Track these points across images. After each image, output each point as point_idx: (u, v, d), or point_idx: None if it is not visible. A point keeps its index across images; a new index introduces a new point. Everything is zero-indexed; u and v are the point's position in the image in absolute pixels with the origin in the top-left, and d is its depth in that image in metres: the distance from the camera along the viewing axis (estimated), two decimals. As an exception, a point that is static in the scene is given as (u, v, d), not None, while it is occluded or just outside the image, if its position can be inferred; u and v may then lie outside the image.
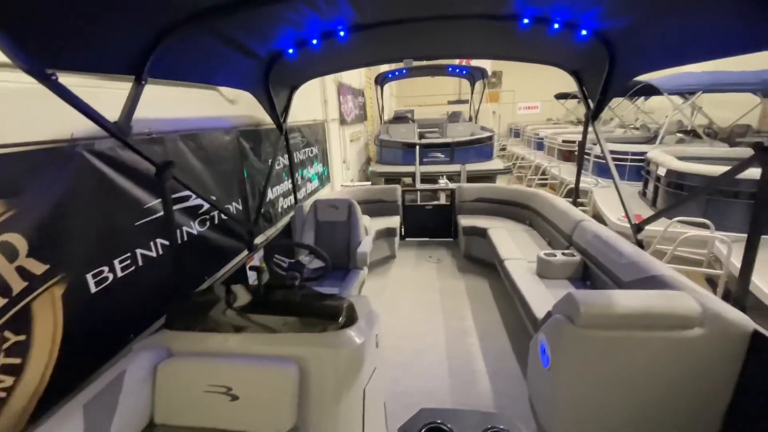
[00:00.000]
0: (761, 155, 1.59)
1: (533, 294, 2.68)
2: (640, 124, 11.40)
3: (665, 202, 5.30)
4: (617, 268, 2.44)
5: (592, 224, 3.07)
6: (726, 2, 1.65)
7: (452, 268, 4.29)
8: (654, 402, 1.78)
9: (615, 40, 2.61)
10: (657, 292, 1.75)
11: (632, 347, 1.70)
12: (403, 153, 8.42)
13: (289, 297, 1.90)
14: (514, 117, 18.62)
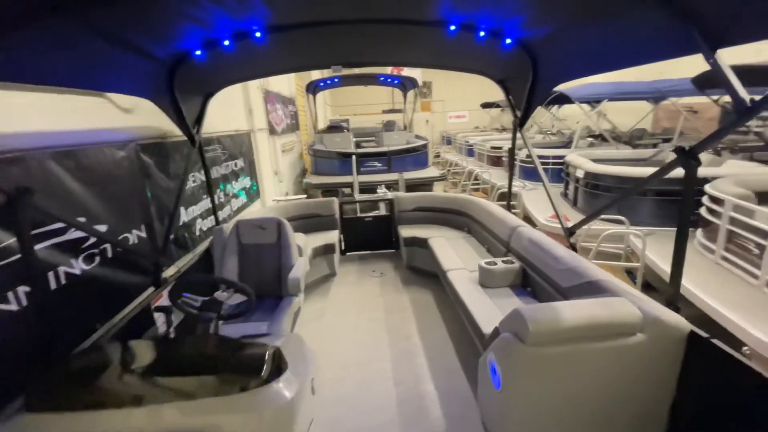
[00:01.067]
0: (683, 158, 1.64)
1: (478, 307, 2.59)
2: (556, 130, 12.47)
3: (585, 202, 5.71)
4: (555, 274, 2.44)
5: (527, 230, 3.10)
6: (641, 14, 1.69)
7: (396, 282, 4.12)
8: (603, 410, 1.74)
9: (537, 49, 2.66)
10: (599, 300, 1.72)
11: (580, 360, 1.64)
12: (339, 163, 8.19)
13: (202, 348, 1.55)
14: (445, 125, 19.39)
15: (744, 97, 1.35)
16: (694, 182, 1.65)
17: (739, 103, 1.35)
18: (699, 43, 1.47)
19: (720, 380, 1.53)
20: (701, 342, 1.58)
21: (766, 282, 3.13)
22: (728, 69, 1.41)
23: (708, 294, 3.16)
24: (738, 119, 1.42)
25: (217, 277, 2.49)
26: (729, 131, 1.64)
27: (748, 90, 1.40)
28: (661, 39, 1.72)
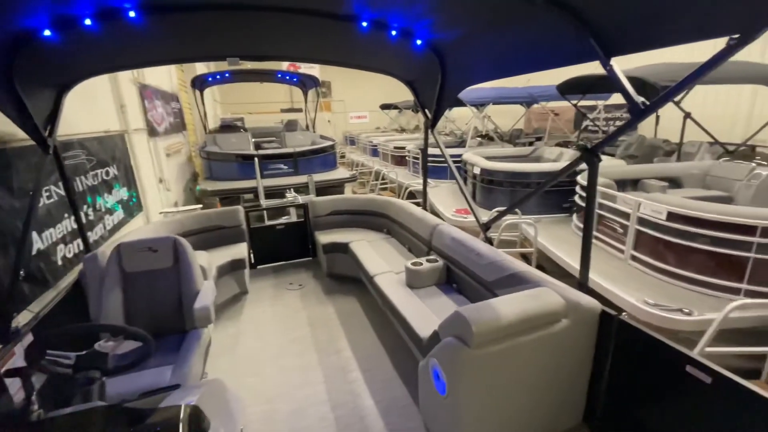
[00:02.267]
0: (587, 156, 1.82)
1: (411, 311, 2.56)
2: (449, 130, 13.49)
3: (482, 196, 6.24)
4: (479, 269, 2.54)
5: (447, 228, 3.19)
6: (544, 24, 1.82)
7: (317, 292, 3.88)
8: (537, 398, 1.85)
9: (447, 52, 2.74)
10: (528, 293, 1.82)
11: (517, 354, 1.70)
12: (238, 166, 7.46)
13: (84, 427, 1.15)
14: (347, 126, 19.41)
15: (637, 100, 1.54)
16: (597, 174, 1.85)
17: (634, 105, 1.54)
18: (596, 51, 1.64)
19: (628, 350, 1.74)
20: (610, 319, 1.78)
21: (630, 256, 3.80)
22: (622, 75, 1.59)
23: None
24: (633, 120, 1.62)
25: (96, 325, 1.95)
26: (624, 131, 1.89)
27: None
28: (563, 47, 1.88)
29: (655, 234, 3.51)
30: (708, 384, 1.39)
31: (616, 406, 1.82)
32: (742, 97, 8.12)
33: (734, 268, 3.10)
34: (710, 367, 1.39)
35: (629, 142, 7.68)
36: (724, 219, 3.06)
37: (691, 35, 1.36)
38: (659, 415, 1.60)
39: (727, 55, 1.25)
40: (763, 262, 2.99)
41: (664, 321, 2.95)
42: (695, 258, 3.28)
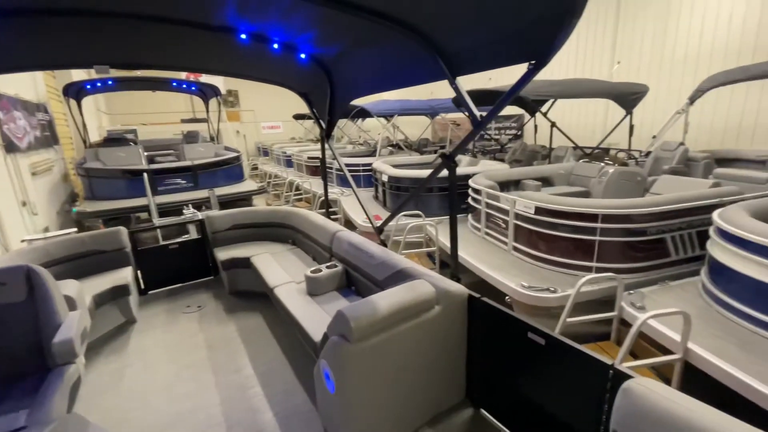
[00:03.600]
0: (445, 161, 2.07)
1: (308, 317, 2.59)
2: (363, 140, 13.86)
3: (391, 202, 6.54)
4: (372, 270, 2.68)
5: (346, 234, 3.30)
6: (404, 45, 2.04)
7: (218, 312, 3.67)
8: (421, 383, 2.01)
9: (331, 66, 2.87)
10: (404, 286, 1.99)
11: (396, 343, 1.84)
12: (127, 183, 6.73)
13: None
14: (259, 136, 18.70)
15: (476, 113, 1.81)
16: (455, 177, 2.11)
17: (474, 118, 1.81)
18: (444, 71, 1.89)
19: (490, 326, 1.99)
20: (476, 302, 2.03)
21: (512, 247, 4.32)
22: (465, 93, 1.86)
23: (480, 261, 4.12)
24: (474, 130, 1.90)
25: None
26: (470, 140, 2.17)
27: (480, 108, 1.89)
28: (420, 66, 2.12)
29: (528, 226, 4.06)
30: (543, 345, 1.67)
31: (489, 377, 2.07)
32: (599, 109, 9.80)
33: (587, 250, 3.73)
34: (543, 331, 1.68)
35: (515, 149, 8.73)
36: (575, 210, 3.67)
37: (507, 60, 1.66)
38: (517, 377, 1.87)
39: (530, 76, 1.55)
40: (605, 243, 3.66)
41: (537, 300, 3.43)
42: (559, 244, 3.86)
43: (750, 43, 7.07)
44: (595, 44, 9.88)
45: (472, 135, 1.96)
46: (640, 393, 1.22)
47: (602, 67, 9.78)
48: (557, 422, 1.67)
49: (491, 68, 1.75)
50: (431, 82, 2.13)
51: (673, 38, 8.24)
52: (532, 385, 1.79)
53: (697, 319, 2.82)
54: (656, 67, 8.61)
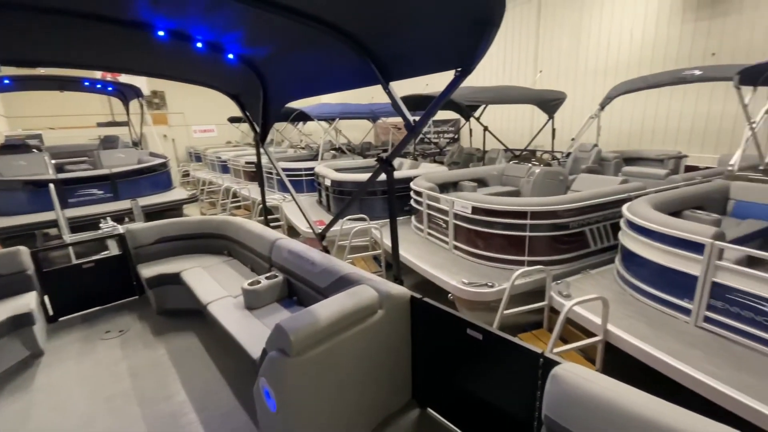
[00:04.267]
0: (383, 165, 2.08)
1: (246, 333, 2.44)
2: (304, 144, 13.57)
3: (335, 206, 6.47)
4: (314, 278, 2.61)
5: (286, 242, 3.17)
6: (338, 50, 2.01)
7: (144, 335, 3.32)
8: (369, 385, 1.99)
9: (263, 67, 2.74)
10: (347, 292, 1.95)
11: (340, 351, 1.80)
12: (29, 196, 5.89)
13: None
14: (190, 140, 17.48)
15: (410, 119, 1.84)
16: (393, 180, 2.13)
17: (408, 123, 1.83)
18: (377, 76, 1.89)
19: (432, 326, 2.03)
20: (418, 302, 2.05)
21: (453, 246, 4.48)
22: (398, 98, 1.88)
23: (423, 261, 4.21)
24: (408, 135, 1.93)
25: None
26: (406, 144, 2.20)
27: (418, 113, 1.92)
28: (355, 71, 2.11)
29: (466, 225, 4.24)
30: (481, 340, 1.74)
31: (433, 376, 2.10)
32: (525, 114, 10.58)
33: (519, 246, 3.99)
34: (481, 326, 1.74)
35: (452, 151, 9.11)
36: (507, 208, 3.90)
37: (437, 67, 1.72)
38: (459, 374, 1.92)
39: (457, 82, 1.61)
40: (535, 238, 3.93)
41: (477, 295, 3.58)
42: (494, 241, 4.08)
43: (647, 57, 8.10)
44: (520, 55, 10.67)
45: (407, 140, 1.99)
46: (567, 378, 1.31)
47: (527, 75, 10.59)
48: (497, 413, 1.74)
49: (423, 74, 1.79)
50: (367, 87, 2.12)
51: (585, 51, 9.17)
52: (473, 379, 1.85)
53: (614, 303, 3.14)
54: (572, 76, 9.52)
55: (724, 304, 2.62)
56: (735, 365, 2.34)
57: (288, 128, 14.04)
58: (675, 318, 2.89)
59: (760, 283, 2.43)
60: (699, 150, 7.51)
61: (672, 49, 7.73)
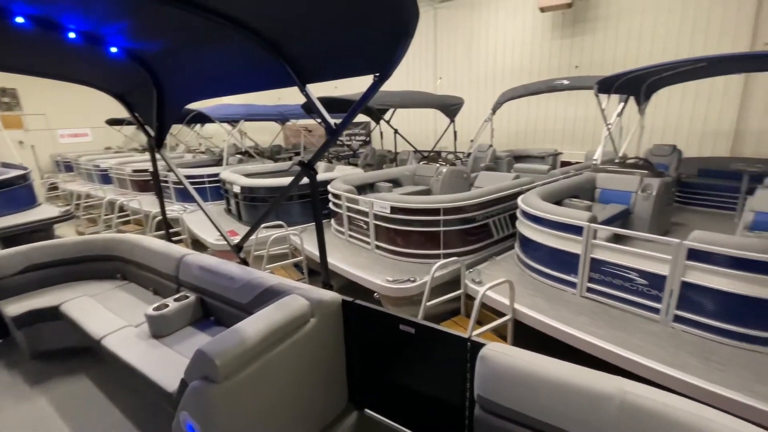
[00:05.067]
0: (305, 169, 2.02)
1: (156, 365, 2.15)
2: (205, 148, 12.43)
3: (248, 214, 6.07)
4: (234, 294, 2.42)
5: (196, 257, 2.87)
6: (248, 49, 1.89)
7: (14, 386, 2.69)
8: (305, 397, 1.92)
9: (156, 64, 2.44)
10: (275, 305, 1.85)
11: (274, 367, 1.71)
12: None
13: None
14: (56, 147, 14.65)
15: (331, 121, 1.82)
16: (317, 185, 2.09)
17: (328, 126, 1.82)
18: (293, 78, 1.83)
19: (365, 327, 2.05)
20: (350, 305, 2.05)
21: (375, 246, 4.56)
22: (317, 100, 1.85)
23: (347, 264, 4.21)
24: (330, 138, 1.91)
25: None
26: (328, 147, 2.18)
27: (332, 115, 1.90)
28: (267, 72, 2.01)
29: (386, 225, 4.37)
30: (413, 334, 1.81)
31: (369, 376, 2.12)
32: (430, 117, 11.29)
33: (435, 240, 4.25)
34: (412, 320, 1.82)
35: (366, 153, 9.28)
36: (423, 206, 4.13)
37: (356, 71, 1.73)
38: (395, 370, 1.97)
39: (376, 87, 1.65)
40: (448, 232, 4.23)
41: (401, 291, 3.71)
42: (413, 238, 4.28)
43: (527, 67, 9.32)
44: (422, 62, 11.36)
45: (329, 143, 1.97)
46: (493, 357, 1.44)
47: (428, 81, 11.32)
48: (433, 401, 1.84)
49: (342, 77, 1.79)
50: (279, 88, 2.04)
51: (477, 60, 10.17)
52: (409, 374, 1.91)
53: (519, 284, 3.55)
54: (468, 82, 10.47)
55: (600, 276, 3.16)
56: (612, 325, 2.84)
57: (184, 131, 12.72)
58: (565, 291, 3.39)
59: (623, 256, 2.99)
60: (570, 147, 8.92)
61: (546, 62, 9.03)
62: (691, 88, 7.35)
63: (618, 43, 8.03)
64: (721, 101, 7.20)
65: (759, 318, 2.45)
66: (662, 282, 2.77)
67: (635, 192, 4.49)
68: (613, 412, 1.16)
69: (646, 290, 2.89)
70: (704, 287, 2.60)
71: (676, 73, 5.35)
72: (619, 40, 8.00)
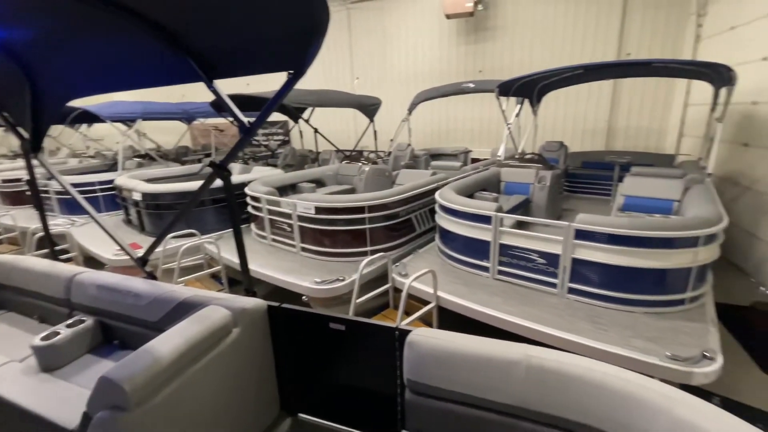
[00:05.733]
0: (218, 171, 1.90)
1: (49, 401, 1.84)
2: (94, 152, 10.83)
3: (152, 224, 5.47)
4: (141, 312, 2.17)
5: (90, 275, 2.51)
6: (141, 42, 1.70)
7: None
8: (234, 409, 1.82)
9: (27, 56, 2.08)
10: (190, 318, 1.72)
11: (194, 385, 1.59)
12: None
13: None
14: None
15: (244, 120, 1.74)
16: (232, 188, 1.98)
17: (241, 124, 1.73)
18: (199, 73, 1.71)
19: (295, 331, 2.01)
20: (277, 311, 1.99)
21: (301, 248, 4.46)
22: (227, 97, 1.75)
23: (271, 269, 4.05)
24: (244, 137, 1.82)
25: None
26: (242, 146, 2.07)
27: (246, 114, 1.82)
28: (168, 66, 1.84)
29: (311, 226, 4.30)
30: (344, 330, 1.83)
31: (301, 380, 2.08)
32: (350, 117, 11.35)
33: (362, 238, 4.31)
34: (342, 317, 1.84)
35: (285, 154, 8.99)
36: (348, 205, 4.16)
37: (268, 68, 1.68)
38: (328, 369, 1.97)
39: (290, 84, 1.62)
40: (374, 229, 4.32)
41: (329, 292, 3.70)
42: (340, 237, 4.28)
43: (438, 70, 9.89)
44: (339, 61, 11.35)
45: (243, 142, 1.88)
46: (419, 341, 1.53)
47: (346, 81, 11.37)
48: (368, 395, 1.88)
49: (254, 73, 1.71)
50: (182, 84, 1.88)
51: (392, 61, 10.50)
52: (341, 371, 1.93)
53: (441, 273, 3.77)
54: (385, 83, 10.76)
55: (508, 259, 3.52)
56: (521, 301, 3.19)
57: (67, 133, 10.94)
58: (480, 276, 3.71)
59: (525, 240, 3.37)
60: (479, 145, 9.72)
61: (454, 65, 9.70)
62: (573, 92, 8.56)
63: (514, 50, 8.98)
64: (597, 103, 8.51)
65: (632, 284, 2.97)
66: (557, 260, 3.20)
67: (533, 183, 5.08)
68: (521, 374, 1.32)
69: (546, 268, 3.30)
70: (589, 261, 3.06)
71: (561, 79, 6.17)
72: (515, 48, 8.95)
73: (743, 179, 5.39)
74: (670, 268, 2.90)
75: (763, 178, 4.93)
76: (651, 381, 1.19)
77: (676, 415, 1.06)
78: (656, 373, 2.43)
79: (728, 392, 3.15)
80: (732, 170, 5.74)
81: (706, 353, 2.42)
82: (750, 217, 5.15)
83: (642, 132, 8.25)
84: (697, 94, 7.17)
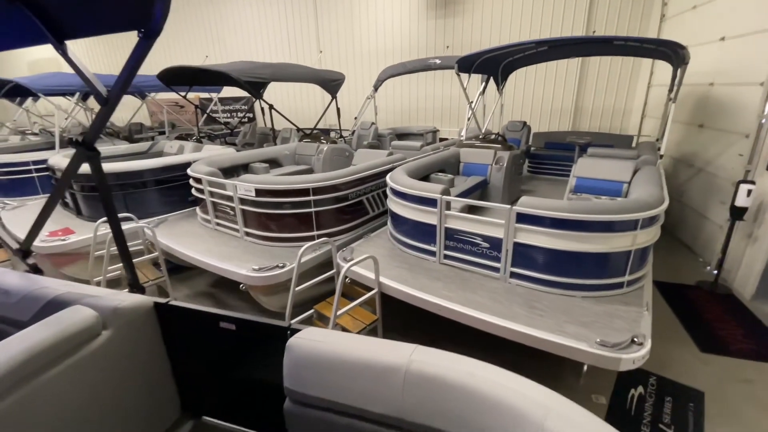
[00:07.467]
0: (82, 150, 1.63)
1: None
2: (39, 129, 10.04)
3: (88, 207, 5.08)
4: (12, 311, 1.91)
5: None
6: None
7: None
8: (119, 420, 1.63)
9: None
10: (44, 321, 1.49)
11: (49, 392, 1.38)
12: None
13: None
14: None
15: (101, 90, 1.47)
16: (101, 170, 1.72)
17: (97, 94, 1.46)
18: (44, 32, 1.42)
19: (186, 329, 1.81)
20: (165, 308, 1.78)
21: (244, 233, 4.21)
22: (80, 62, 1.47)
23: (209, 256, 3.80)
24: (104, 110, 1.56)
25: None
26: (105, 121, 1.77)
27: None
28: (9, 27, 1.54)
29: (255, 209, 4.05)
30: (234, 330, 1.65)
31: (200, 380, 1.91)
32: (317, 94, 10.85)
33: (308, 222, 4.09)
34: (232, 316, 1.65)
35: (245, 132, 8.55)
36: (290, 187, 3.91)
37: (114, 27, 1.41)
38: (224, 370, 1.79)
39: (143, 45, 1.36)
40: (321, 213, 4.11)
41: (269, 279, 3.50)
42: (285, 221, 4.05)
43: (406, 45, 9.50)
44: (302, 34, 10.76)
45: (104, 115, 1.60)
46: (297, 345, 1.36)
47: (311, 56, 10.82)
48: (263, 399, 1.72)
49: (102, 33, 1.45)
50: (28, 47, 1.59)
51: (359, 35, 10.02)
52: (237, 371, 1.76)
53: (387, 258, 3.63)
54: (351, 58, 10.30)
55: (454, 243, 3.39)
56: (462, 287, 3.08)
57: (9, 108, 10.09)
58: (427, 260, 3.58)
59: (470, 223, 3.24)
60: (448, 125, 9.52)
61: (423, 41, 9.33)
62: (541, 71, 8.39)
63: (483, 25, 8.68)
64: (563, 83, 8.39)
65: (572, 268, 2.89)
66: (500, 244, 3.08)
67: (491, 164, 4.95)
68: (398, 382, 1.17)
69: (489, 252, 3.19)
70: (530, 245, 2.96)
71: (525, 56, 5.97)
72: (484, 23, 8.65)
73: (697, 160, 5.42)
74: (609, 251, 2.84)
75: (714, 160, 4.95)
76: (532, 387, 1.07)
77: (547, 428, 0.94)
78: (585, 359, 2.38)
79: (665, 371, 3.19)
80: (687, 151, 5.76)
81: (636, 338, 2.37)
82: (701, 198, 5.20)
83: (607, 112, 8.22)
84: (660, 75, 7.14)
